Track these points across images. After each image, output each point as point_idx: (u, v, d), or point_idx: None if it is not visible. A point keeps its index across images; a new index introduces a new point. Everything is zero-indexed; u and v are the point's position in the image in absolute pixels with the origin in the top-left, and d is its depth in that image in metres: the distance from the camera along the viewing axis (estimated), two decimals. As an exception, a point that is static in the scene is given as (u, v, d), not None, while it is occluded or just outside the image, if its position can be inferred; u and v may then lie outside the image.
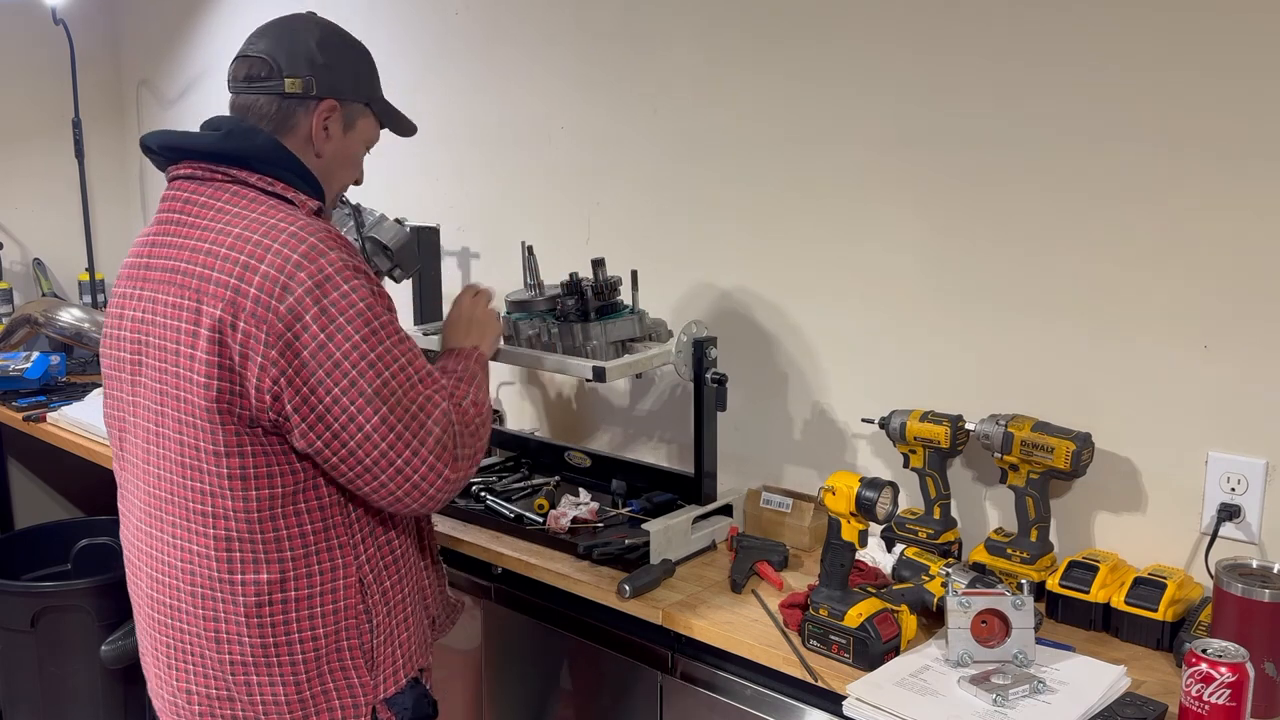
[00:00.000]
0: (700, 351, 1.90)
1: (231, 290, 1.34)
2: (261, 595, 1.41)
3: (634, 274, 1.98)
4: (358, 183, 1.64)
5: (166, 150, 1.49)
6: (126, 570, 1.56)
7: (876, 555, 1.76)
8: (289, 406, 1.34)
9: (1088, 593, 1.60)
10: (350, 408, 1.35)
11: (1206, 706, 1.23)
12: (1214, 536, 1.59)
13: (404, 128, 1.68)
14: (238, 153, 1.44)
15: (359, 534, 1.46)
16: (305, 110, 1.50)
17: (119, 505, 1.57)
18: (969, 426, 1.77)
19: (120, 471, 1.55)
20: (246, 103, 1.50)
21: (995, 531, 1.79)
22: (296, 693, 1.44)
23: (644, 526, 1.84)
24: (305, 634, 1.43)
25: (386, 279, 2.06)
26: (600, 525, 1.96)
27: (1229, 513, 1.59)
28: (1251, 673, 1.23)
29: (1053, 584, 1.64)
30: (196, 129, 1.52)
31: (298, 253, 1.35)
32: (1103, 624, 1.59)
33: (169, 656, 1.48)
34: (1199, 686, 1.23)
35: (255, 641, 1.42)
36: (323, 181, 1.53)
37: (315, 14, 1.59)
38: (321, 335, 1.34)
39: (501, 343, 1.79)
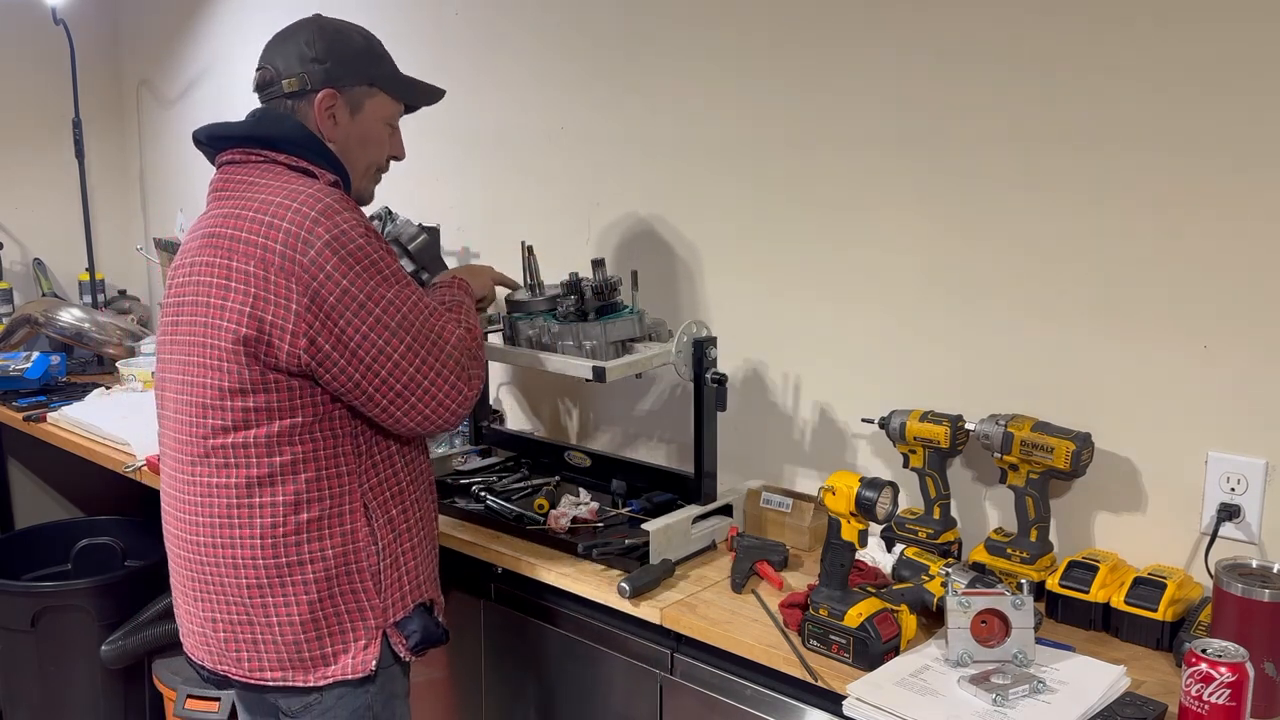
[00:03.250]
0: (700, 351, 1.90)
1: (259, 248, 1.49)
2: (277, 516, 1.54)
3: (634, 274, 1.98)
4: (398, 158, 1.76)
5: (212, 140, 1.65)
6: (163, 522, 1.69)
7: (876, 555, 1.76)
8: (326, 347, 1.49)
9: (1087, 593, 1.60)
10: (379, 341, 1.51)
11: (1206, 706, 1.23)
12: (1214, 536, 1.60)
13: (422, 97, 1.79)
14: (268, 136, 1.60)
15: (365, 463, 1.59)
16: (308, 103, 1.64)
17: (160, 462, 1.71)
18: (969, 426, 1.77)
19: (160, 427, 1.68)
20: (254, 110, 1.68)
21: (995, 531, 1.79)
22: (310, 612, 1.56)
23: (644, 526, 1.84)
24: (315, 553, 1.55)
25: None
26: (600, 525, 1.96)
27: (1229, 513, 1.59)
28: (1251, 673, 1.23)
29: (1052, 584, 1.64)
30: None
31: (315, 210, 1.49)
32: (1102, 624, 1.59)
33: (194, 590, 1.61)
34: (1199, 686, 1.23)
35: (270, 563, 1.54)
36: (345, 163, 1.66)
37: (318, 16, 1.70)
38: (345, 282, 1.49)
39: (492, 295, 1.91)
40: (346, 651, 1.58)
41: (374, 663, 1.58)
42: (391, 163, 1.77)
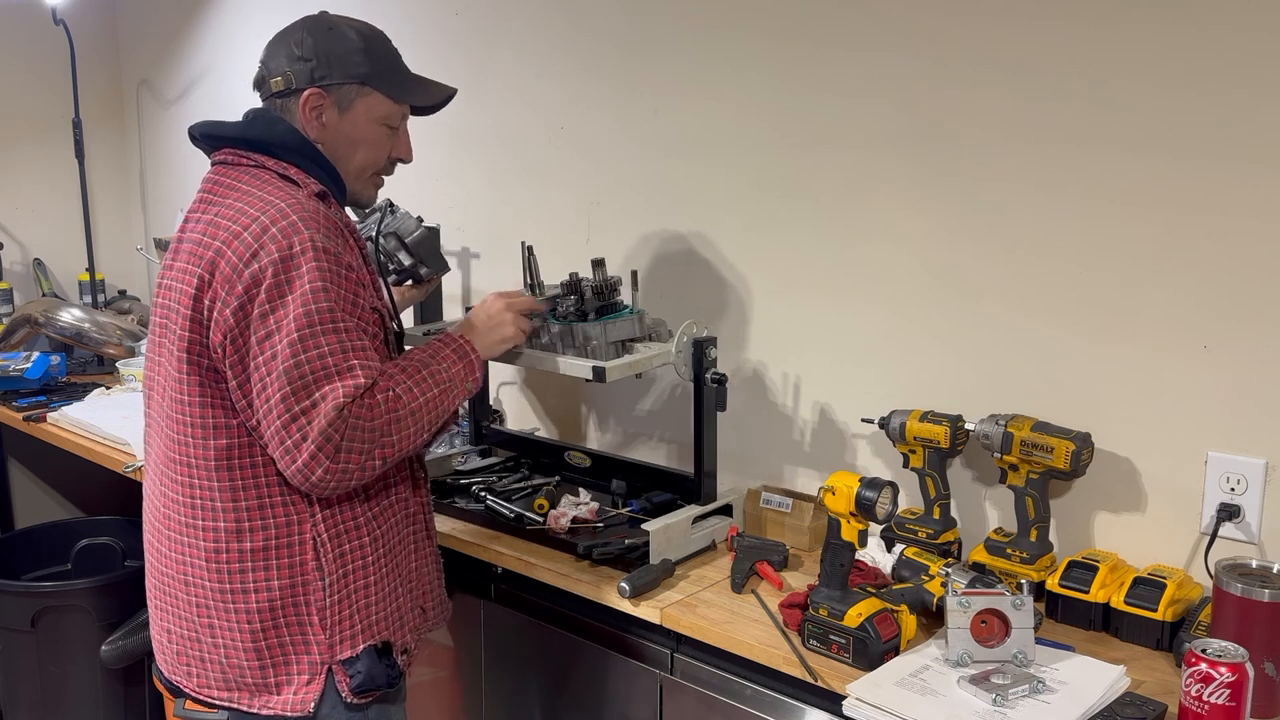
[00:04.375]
0: (700, 351, 1.90)
1: (214, 253, 1.46)
2: (219, 543, 1.51)
3: (634, 274, 1.98)
4: (403, 160, 1.69)
5: (206, 138, 1.62)
6: (144, 524, 1.67)
7: (876, 555, 1.76)
8: (228, 362, 1.46)
9: (1087, 593, 1.60)
10: (267, 378, 1.44)
11: (1206, 706, 1.23)
12: (1213, 536, 1.60)
13: (422, 97, 1.69)
14: (260, 139, 1.57)
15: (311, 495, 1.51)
16: (294, 103, 1.59)
17: (144, 463, 1.68)
18: (969, 426, 1.77)
19: (146, 432, 1.66)
20: (249, 110, 1.64)
21: (995, 531, 1.79)
22: (253, 641, 1.52)
23: (644, 526, 1.84)
24: (260, 584, 1.51)
25: (413, 279, 2.11)
26: (600, 525, 1.96)
27: (1228, 513, 1.59)
28: (1251, 672, 1.23)
29: (1052, 584, 1.64)
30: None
31: (276, 226, 1.45)
32: (1102, 624, 1.60)
33: (155, 597, 1.62)
34: (1199, 686, 1.23)
35: (214, 586, 1.52)
36: (336, 166, 1.61)
37: (321, 14, 1.65)
38: (266, 305, 1.43)
39: (510, 347, 1.75)
40: (290, 684, 1.53)
41: (314, 703, 1.53)
42: (397, 165, 1.70)
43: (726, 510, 1.99)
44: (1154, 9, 1.58)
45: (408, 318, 2.36)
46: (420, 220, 2.09)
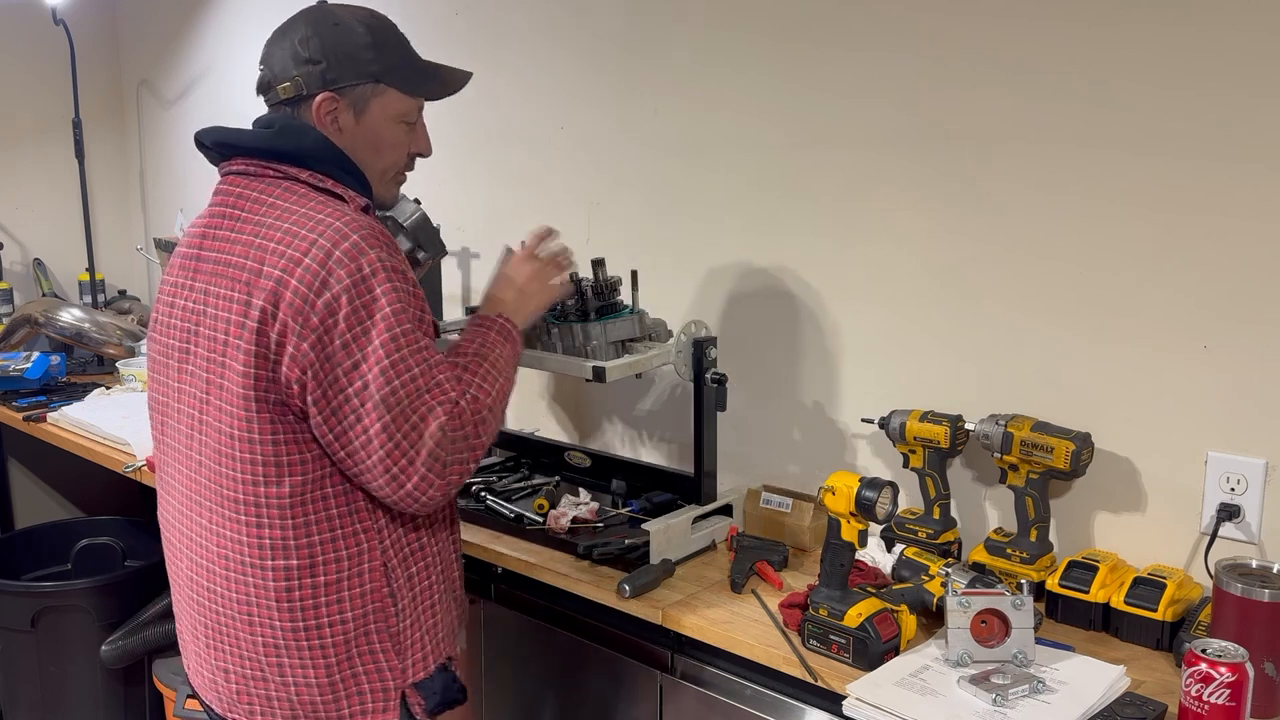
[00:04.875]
0: (700, 351, 1.90)
1: (275, 282, 1.38)
2: (291, 580, 1.45)
3: (634, 274, 1.98)
4: (423, 155, 1.62)
5: (220, 146, 1.53)
6: (165, 550, 1.62)
7: (876, 555, 1.76)
8: (310, 398, 1.39)
9: (1087, 593, 1.60)
10: (360, 408, 1.38)
11: (1206, 706, 1.23)
12: (1213, 536, 1.59)
13: (438, 88, 1.62)
14: (290, 150, 1.48)
15: (382, 519, 1.49)
16: (307, 110, 1.51)
17: (158, 487, 1.63)
18: (969, 426, 1.77)
19: (161, 456, 1.60)
20: (265, 115, 1.55)
21: (995, 531, 1.79)
22: (327, 675, 1.47)
23: (644, 526, 1.84)
24: (334, 618, 1.46)
25: (410, 262, 2.07)
26: (600, 525, 1.96)
27: (1228, 513, 1.59)
28: (1251, 673, 1.23)
29: (1052, 584, 1.64)
30: (238, 126, 1.55)
31: (340, 249, 1.38)
32: (1102, 624, 1.59)
33: (207, 636, 1.53)
34: (1199, 686, 1.23)
35: (286, 625, 1.46)
36: (361, 171, 1.54)
37: (319, 6, 1.56)
38: (348, 335, 1.37)
39: (546, 305, 1.72)
40: (364, 715, 1.50)
41: None
42: (417, 160, 1.63)
43: (726, 510, 1.99)
44: (1154, 9, 1.58)
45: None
46: (418, 202, 2.05)
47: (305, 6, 1.56)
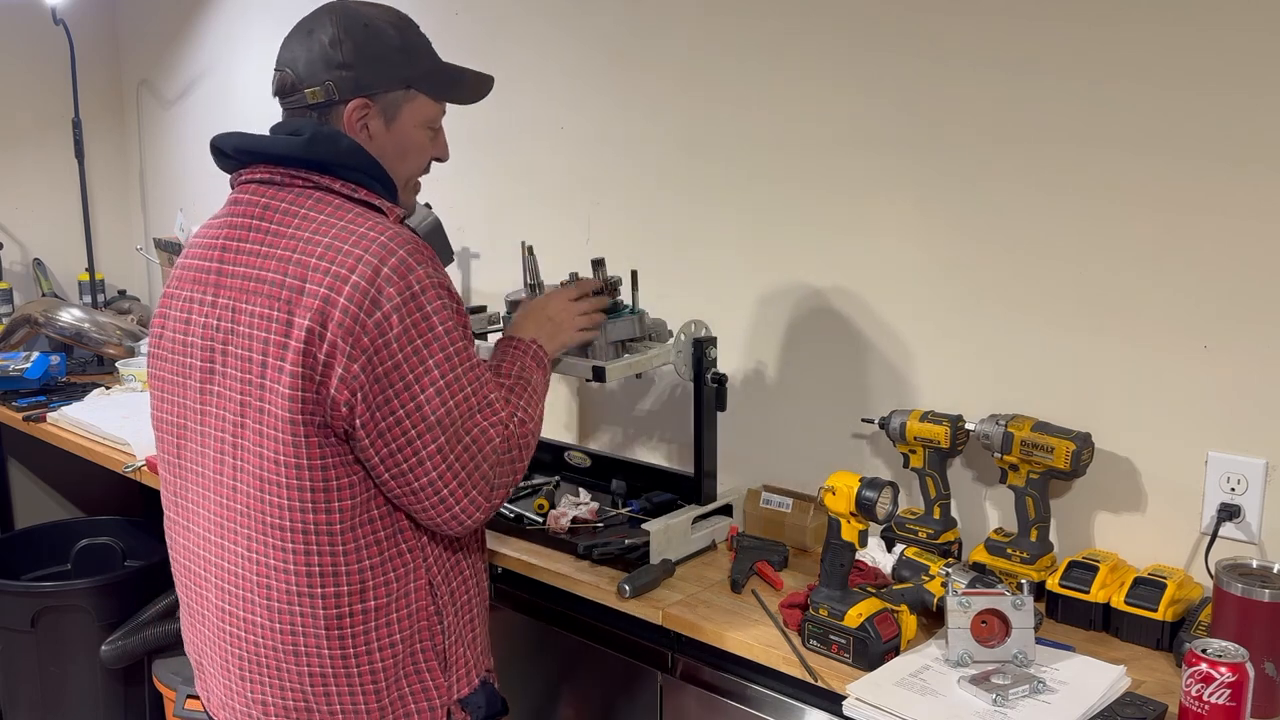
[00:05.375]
0: (700, 351, 1.90)
1: (322, 300, 1.32)
2: (342, 607, 1.40)
3: (634, 274, 1.98)
4: (441, 160, 1.59)
5: (241, 154, 1.45)
6: (183, 579, 1.54)
7: (876, 555, 1.76)
8: (358, 420, 1.34)
9: (1088, 593, 1.60)
10: (411, 430, 1.35)
11: (1206, 706, 1.23)
12: (1214, 536, 1.59)
13: (468, 94, 1.59)
14: (322, 158, 1.41)
15: (425, 538, 1.45)
16: (336, 116, 1.45)
17: (170, 511, 1.55)
18: (969, 426, 1.77)
19: (177, 479, 1.51)
20: (288, 121, 1.48)
21: (995, 531, 1.79)
22: (376, 700, 1.43)
23: (644, 526, 1.84)
24: (384, 641, 1.43)
25: None
26: (600, 525, 1.96)
27: (1229, 513, 1.59)
28: (1251, 673, 1.23)
29: (1053, 584, 1.64)
30: (237, 130, 1.49)
31: (388, 265, 1.33)
32: (1103, 624, 1.59)
33: (241, 669, 1.45)
34: (1199, 686, 1.23)
35: (335, 653, 1.41)
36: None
37: (344, 3, 1.49)
38: (399, 355, 1.33)
39: (574, 344, 1.73)
40: None
41: None
42: (433, 165, 1.60)
43: (726, 510, 1.99)
44: (1154, 9, 1.58)
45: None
46: (429, 207, 2.06)
47: (325, 4, 1.49)
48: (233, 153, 1.46)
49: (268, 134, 1.47)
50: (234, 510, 1.41)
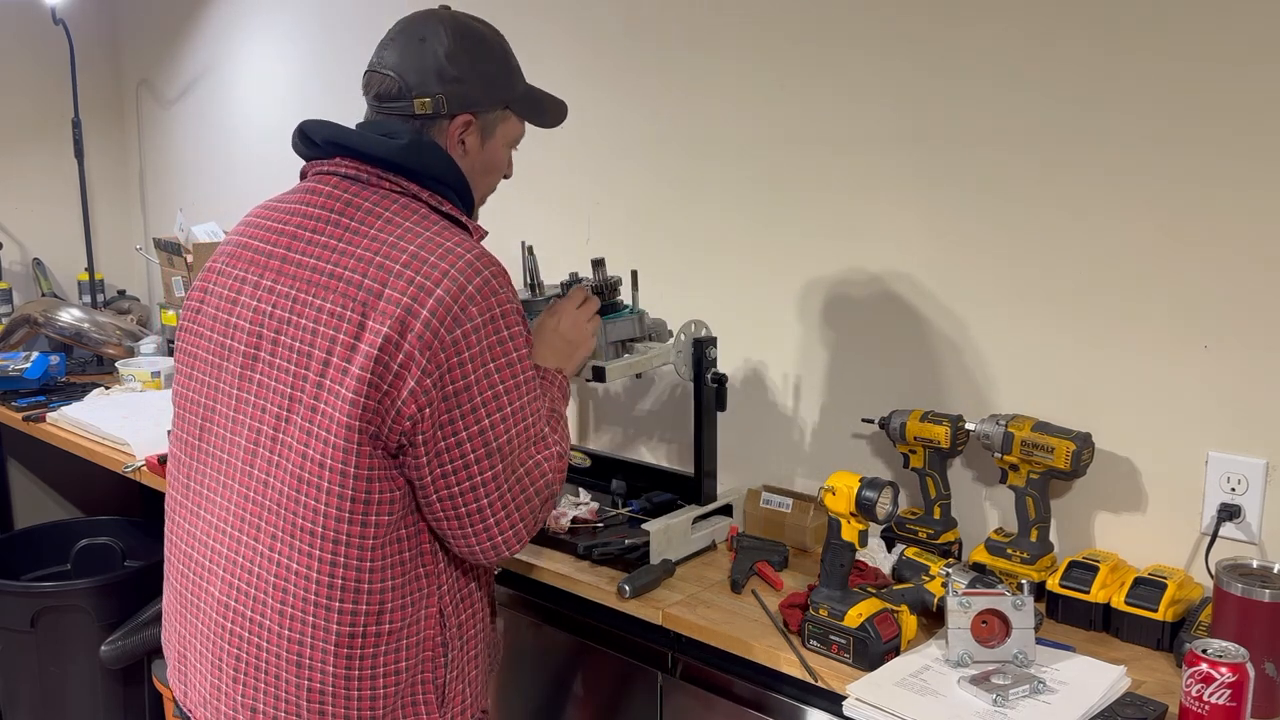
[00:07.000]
0: (700, 351, 1.90)
1: (403, 309, 1.29)
2: (356, 626, 1.35)
3: (634, 274, 1.98)
4: (508, 177, 1.59)
5: (330, 145, 1.43)
6: (183, 567, 1.48)
7: (876, 555, 1.76)
8: (420, 435, 1.31)
9: (1088, 593, 1.60)
10: (470, 455, 1.33)
11: (1206, 706, 1.23)
12: (1214, 536, 1.59)
13: (552, 119, 1.59)
14: (416, 166, 1.39)
15: (442, 564, 1.42)
16: (439, 129, 1.44)
17: (177, 492, 1.49)
18: (969, 426, 1.77)
19: (193, 462, 1.46)
20: (381, 122, 1.45)
21: (995, 531, 1.79)
22: None
23: (644, 526, 1.84)
24: (390, 667, 1.38)
25: None
26: (600, 525, 1.96)
27: (1229, 513, 1.59)
28: (1251, 673, 1.23)
29: (1053, 584, 1.64)
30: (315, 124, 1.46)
31: (473, 284, 1.32)
32: (1103, 624, 1.59)
33: (235, 670, 1.39)
34: (1199, 687, 1.23)
35: (340, 672, 1.36)
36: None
37: (452, 13, 1.48)
38: (472, 376, 1.31)
39: (589, 355, 1.71)
40: None
41: None
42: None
43: (726, 510, 1.99)
44: (1154, 9, 1.58)
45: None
46: None
47: (429, 10, 1.48)
48: (322, 143, 1.43)
49: (356, 130, 1.44)
50: (261, 506, 1.37)
